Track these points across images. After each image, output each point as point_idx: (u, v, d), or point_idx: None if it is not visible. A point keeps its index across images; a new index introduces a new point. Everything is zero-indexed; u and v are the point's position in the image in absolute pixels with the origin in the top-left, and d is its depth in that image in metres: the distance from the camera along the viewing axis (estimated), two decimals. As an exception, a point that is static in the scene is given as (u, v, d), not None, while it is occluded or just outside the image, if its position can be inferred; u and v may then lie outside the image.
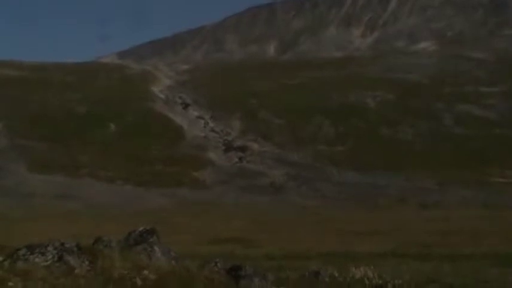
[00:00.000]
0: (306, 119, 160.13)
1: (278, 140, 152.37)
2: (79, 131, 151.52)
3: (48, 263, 16.98)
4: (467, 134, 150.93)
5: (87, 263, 17.38)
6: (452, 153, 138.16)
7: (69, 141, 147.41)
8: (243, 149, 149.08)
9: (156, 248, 20.13)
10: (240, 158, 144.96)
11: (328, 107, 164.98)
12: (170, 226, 41.30)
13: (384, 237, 69.51)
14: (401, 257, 52.46)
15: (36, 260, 16.92)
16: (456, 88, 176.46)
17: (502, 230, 77.15)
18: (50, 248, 17.66)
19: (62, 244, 17.93)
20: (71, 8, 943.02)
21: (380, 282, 19.30)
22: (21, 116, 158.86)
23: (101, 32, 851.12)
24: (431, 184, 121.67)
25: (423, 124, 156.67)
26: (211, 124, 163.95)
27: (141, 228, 21.11)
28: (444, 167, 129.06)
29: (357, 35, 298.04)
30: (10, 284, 14.59)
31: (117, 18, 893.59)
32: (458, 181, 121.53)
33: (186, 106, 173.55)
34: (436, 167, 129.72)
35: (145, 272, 16.98)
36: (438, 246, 64.42)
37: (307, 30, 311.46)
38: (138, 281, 16.31)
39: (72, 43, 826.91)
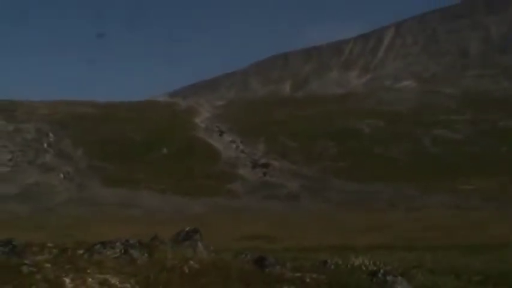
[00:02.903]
0: (315, 142, 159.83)
1: (293, 158, 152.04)
2: (138, 154, 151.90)
3: (117, 255, 17.18)
4: (442, 152, 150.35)
5: (146, 255, 17.55)
6: (430, 167, 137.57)
7: (131, 162, 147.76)
8: (266, 165, 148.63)
9: (199, 244, 20.26)
10: (264, 173, 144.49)
11: (332, 132, 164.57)
12: (209, 227, 41.32)
13: (378, 233, 69.37)
14: (391, 248, 52.25)
15: (108, 253, 17.12)
16: (432, 116, 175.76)
17: (470, 226, 76.84)
18: (118, 244, 17.86)
19: (127, 241, 18.14)
20: (128, 53, 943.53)
21: (374, 268, 19.27)
22: (95, 144, 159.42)
23: (155, 76, 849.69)
24: (415, 191, 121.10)
25: (407, 145, 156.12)
26: (241, 147, 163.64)
27: (187, 229, 21.22)
28: (424, 178, 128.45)
29: (354, 76, 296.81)
30: (88, 271, 14.80)
31: (167, 64, 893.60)
32: (436, 189, 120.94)
33: (221, 133, 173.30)
34: (418, 178, 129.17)
35: (191, 262, 17.09)
36: (421, 240, 64.13)
37: (315, 73, 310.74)
38: (186, 269, 16.42)
39: (132, 84, 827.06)
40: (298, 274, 17.27)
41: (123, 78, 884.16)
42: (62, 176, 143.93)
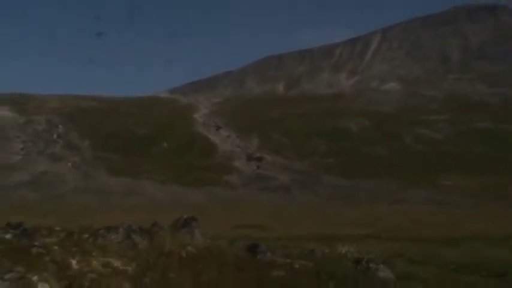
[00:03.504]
0: (306, 139, 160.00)
1: (285, 154, 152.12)
2: (141, 147, 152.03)
3: (120, 239, 17.21)
4: (423, 150, 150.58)
5: (146, 240, 17.60)
6: (413, 164, 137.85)
7: (134, 154, 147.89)
8: (259, 159, 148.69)
9: (196, 231, 20.29)
10: (258, 166, 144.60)
11: (322, 130, 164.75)
12: (206, 216, 41.41)
13: (363, 225, 69.41)
14: (375, 239, 52.42)
15: (111, 237, 17.17)
16: (415, 117, 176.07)
17: (448, 220, 77.03)
18: (120, 229, 17.90)
19: (129, 226, 18.19)
20: (131, 52, 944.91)
21: (358, 256, 19.31)
22: (100, 136, 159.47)
23: (159, 74, 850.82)
24: (398, 187, 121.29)
25: (392, 143, 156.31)
26: (236, 141, 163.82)
27: (185, 216, 21.25)
28: (407, 174, 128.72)
29: (343, 78, 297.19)
30: (93, 254, 14.83)
31: (168, 62, 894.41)
32: (417, 185, 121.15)
33: (218, 128, 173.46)
34: (401, 174, 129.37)
35: (189, 248, 17.12)
36: (402, 232, 64.35)
37: (307, 74, 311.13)
38: (183, 254, 16.46)
39: (135, 81, 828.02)
40: (287, 261, 17.31)
41: (126, 76, 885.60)
42: (69, 165, 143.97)
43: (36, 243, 15.03)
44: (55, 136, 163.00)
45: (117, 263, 14.69)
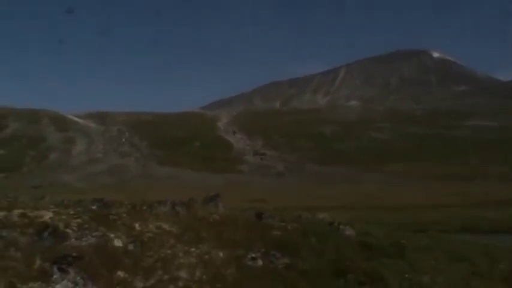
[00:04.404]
0: (296, 139, 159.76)
1: (281, 150, 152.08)
2: (180, 146, 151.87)
3: (167, 210, 17.15)
4: (375, 146, 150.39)
5: (185, 210, 17.54)
6: (368, 156, 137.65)
7: (176, 151, 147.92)
8: (262, 154, 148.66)
9: (219, 204, 20.21)
10: (261, 159, 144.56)
11: (307, 133, 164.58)
12: (226, 193, 41.60)
13: (335, 199, 69.35)
14: (343, 208, 52.40)
15: (161, 208, 17.10)
16: (368, 124, 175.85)
17: (392, 194, 76.55)
18: (168, 203, 17.82)
19: (173, 201, 18.11)
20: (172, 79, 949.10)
21: (331, 220, 19.21)
22: (153, 139, 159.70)
23: (193, 95, 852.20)
24: (358, 172, 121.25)
25: (354, 142, 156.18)
26: (247, 142, 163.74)
27: (211, 194, 21.21)
28: (364, 163, 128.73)
29: (320, 98, 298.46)
30: (149, 220, 14.80)
31: (198, 85, 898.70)
32: (371, 170, 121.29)
33: (234, 133, 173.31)
34: (360, 163, 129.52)
35: (214, 215, 17.08)
36: (360, 203, 64.33)
37: (295, 95, 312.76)
38: (210, 219, 16.41)
39: (177, 99, 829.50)
40: (283, 224, 17.23)
41: (171, 96, 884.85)
42: (133, 159, 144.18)
43: (112, 212, 15.03)
44: (123, 140, 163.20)
45: (165, 226, 14.67)
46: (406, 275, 13.45)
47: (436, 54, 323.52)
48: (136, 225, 14.13)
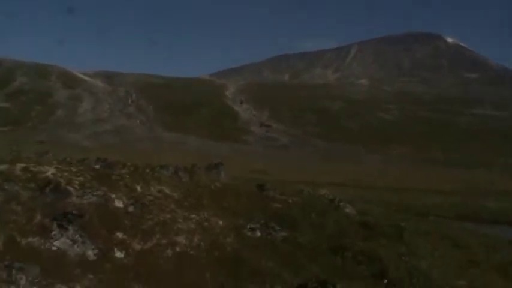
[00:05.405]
0: (301, 113, 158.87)
1: (286, 123, 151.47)
2: (187, 112, 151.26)
3: (170, 174, 17.17)
4: (380, 127, 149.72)
5: (188, 176, 17.55)
6: (372, 136, 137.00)
7: (183, 116, 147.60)
8: (268, 126, 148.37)
9: (222, 172, 20.25)
10: (267, 131, 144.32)
11: (313, 108, 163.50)
12: (230, 162, 41.38)
13: (336, 175, 69.24)
14: (343, 186, 52.38)
15: (164, 172, 17.13)
16: (376, 103, 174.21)
17: (392, 175, 76.61)
18: (171, 168, 17.86)
19: (177, 166, 18.14)
20: (184, 44, 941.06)
21: (332, 197, 19.24)
22: (160, 103, 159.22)
23: (203, 61, 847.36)
24: (361, 151, 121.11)
25: (359, 120, 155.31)
26: (253, 112, 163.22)
27: (215, 161, 21.23)
28: (368, 143, 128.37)
29: (330, 73, 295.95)
30: (151, 183, 14.81)
31: (208, 52, 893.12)
32: (374, 150, 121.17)
33: (241, 102, 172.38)
34: (364, 143, 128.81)
35: (216, 183, 17.10)
36: (361, 182, 64.39)
37: (305, 69, 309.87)
38: (212, 187, 16.44)
39: (186, 65, 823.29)
40: (284, 197, 17.25)
41: (181, 60, 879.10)
42: (138, 122, 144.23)
43: (114, 173, 15.05)
44: (130, 102, 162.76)
45: (167, 190, 14.69)
46: (403, 258, 13.47)
47: (450, 40, 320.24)
48: (138, 187, 14.16)
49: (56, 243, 10.55)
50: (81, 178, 13.44)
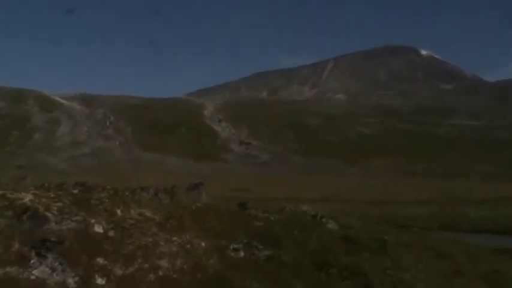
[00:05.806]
0: (280, 130, 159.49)
1: (266, 141, 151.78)
2: (166, 132, 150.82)
3: (150, 196, 16.99)
4: (359, 140, 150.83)
5: (168, 198, 17.39)
6: (351, 150, 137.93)
7: (162, 136, 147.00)
8: (247, 143, 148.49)
9: (202, 192, 20.09)
10: (246, 148, 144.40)
11: (292, 124, 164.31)
12: (210, 181, 41.01)
13: (316, 190, 69.42)
14: (324, 200, 52.41)
15: (144, 194, 16.93)
16: (354, 118, 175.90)
17: (372, 188, 76.91)
18: (150, 189, 17.67)
19: (157, 187, 17.96)
20: (162, 62, 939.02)
21: (314, 212, 19.18)
22: (138, 124, 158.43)
23: (180, 81, 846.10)
24: (341, 165, 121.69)
25: (338, 135, 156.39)
26: (232, 130, 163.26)
27: (195, 181, 21.07)
28: (347, 157, 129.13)
29: (307, 90, 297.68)
30: (131, 206, 14.62)
31: (185, 72, 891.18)
32: (354, 164, 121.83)
33: (220, 121, 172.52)
34: (344, 157, 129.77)
35: (197, 203, 16.96)
36: (342, 195, 64.56)
37: (283, 85, 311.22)
38: (193, 208, 16.30)
39: (164, 85, 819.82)
40: (265, 215, 17.14)
41: (158, 81, 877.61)
42: (117, 143, 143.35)
43: (93, 197, 14.85)
44: (108, 123, 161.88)
45: (148, 213, 14.52)
46: (388, 272, 13.43)
47: (424, 52, 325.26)
48: (118, 211, 13.95)
49: (35, 272, 10.31)
50: (59, 204, 13.21)
